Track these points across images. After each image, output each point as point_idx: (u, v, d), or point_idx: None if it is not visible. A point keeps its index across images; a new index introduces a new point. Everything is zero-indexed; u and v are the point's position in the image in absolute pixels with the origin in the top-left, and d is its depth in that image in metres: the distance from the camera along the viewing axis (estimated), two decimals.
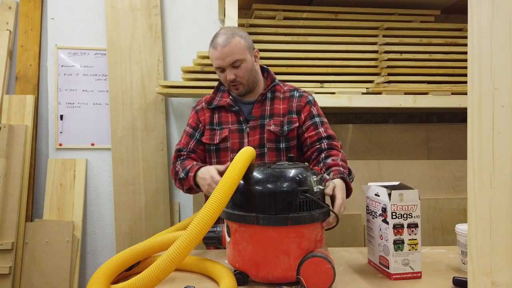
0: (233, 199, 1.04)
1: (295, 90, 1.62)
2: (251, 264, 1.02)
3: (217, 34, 1.52)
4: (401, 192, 1.08)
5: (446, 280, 1.07)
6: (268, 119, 1.54)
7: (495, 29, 0.74)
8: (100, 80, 2.66)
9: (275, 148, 1.52)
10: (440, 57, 2.40)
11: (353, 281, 1.08)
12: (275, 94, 1.59)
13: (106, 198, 2.66)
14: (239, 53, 1.48)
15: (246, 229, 1.02)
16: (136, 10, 2.63)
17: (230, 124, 1.55)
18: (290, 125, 1.53)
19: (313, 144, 1.52)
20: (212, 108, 1.60)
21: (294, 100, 1.58)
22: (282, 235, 1.00)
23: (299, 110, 1.56)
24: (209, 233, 1.14)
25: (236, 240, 1.05)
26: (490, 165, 0.74)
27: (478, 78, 0.76)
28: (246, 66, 1.50)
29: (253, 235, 1.01)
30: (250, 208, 1.02)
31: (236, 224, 1.04)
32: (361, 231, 2.23)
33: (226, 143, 1.53)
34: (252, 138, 1.52)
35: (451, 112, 2.76)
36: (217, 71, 1.54)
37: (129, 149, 2.57)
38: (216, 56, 1.49)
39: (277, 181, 1.01)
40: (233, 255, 1.06)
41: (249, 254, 1.02)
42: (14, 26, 2.65)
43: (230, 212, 1.05)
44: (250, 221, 1.00)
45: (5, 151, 2.41)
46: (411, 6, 2.47)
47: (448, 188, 2.42)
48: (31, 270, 2.41)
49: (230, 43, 1.47)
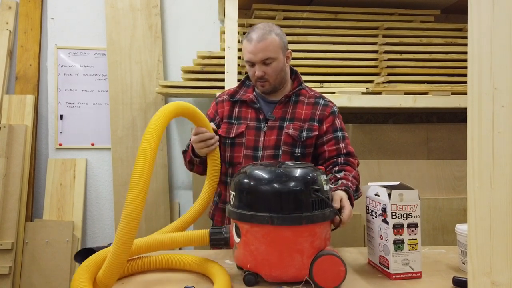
0: (244, 199, 1.04)
1: (320, 98, 1.58)
2: (264, 264, 1.02)
3: (255, 28, 1.49)
4: (401, 192, 1.08)
5: (446, 280, 1.07)
6: (288, 122, 1.51)
7: (495, 29, 0.74)
8: (100, 80, 2.66)
9: (290, 152, 1.50)
10: (440, 57, 2.40)
11: (353, 281, 1.08)
12: (299, 98, 1.56)
13: (106, 198, 2.66)
14: (272, 51, 1.45)
15: (259, 229, 1.01)
16: (136, 10, 2.63)
17: (248, 120, 1.54)
18: (310, 133, 1.50)
19: (331, 158, 1.50)
20: (233, 101, 1.58)
21: (319, 108, 1.54)
22: (296, 234, 1.00)
23: (321, 119, 1.53)
24: (216, 235, 1.11)
25: (247, 241, 1.03)
26: (490, 165, 0.74)
27: (478, 78, 0.76)
28: (276, 65, 1.48)
29: (266, 235, 1.01)
30: (263, 208, 1.01)
31: (248, 224, 1.03)
32: (361, 231, 2.23)
33: (241, 139, 1.52)
34: (268, 138, 1.50)
35: (451, 112, 2.76)
36: (247, 64, 1.51)
37: (129, 149, 2.57)
38: (250, 49, 1.46)
39: (290, 181, 1.02)
40: (244, 256, 1.05)
41: (262, 254, 1.02)
42: (14, 26, 2.65)
43: (241, 212, 1.04)
44: (263, 221, 1.00)
45: (5, 151, 2.41)
46: (411, 6, 2.47)
47: (448, 188, 2.42)
48: (31, 270, 2.41)
49: (266, 39, 1.44)
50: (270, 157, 1.49)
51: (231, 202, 1.09)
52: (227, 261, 1.22)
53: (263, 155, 1.50)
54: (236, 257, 1.09)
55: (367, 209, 1.21)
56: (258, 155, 1.50)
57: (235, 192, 1.07)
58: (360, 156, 2.55)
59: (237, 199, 1.06)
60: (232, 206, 1.08)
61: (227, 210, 1.10)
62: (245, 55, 1.50)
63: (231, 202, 1.09)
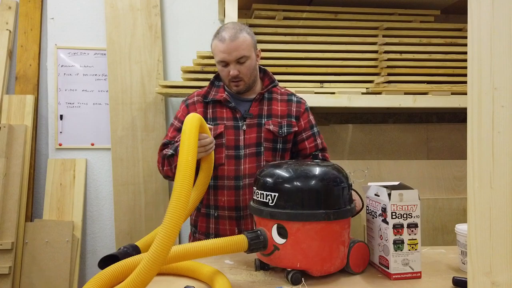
0: (294, 199, 1.05)
1: (292, 95, 1.64)
2: (316, 260, 1.06)
3: (224, 28, 1.49)
4: (401, 192, 1.08)
5: (446, 280, 1.07)
6: (265, 119, 1.54)
7: (495, 29, 0.74)
8: (100, 80, 2.66)
9: (272, 148, 1.53)
10: (440, 57, 2.40)
11: (353, 281, 1.08)
12: (272, 95, 1.60)
13: (106, 198, 2.66)
14: (246, 49, 1.47)
15: (312, 227, 1.05)
16: (136, 10, 2.63)
17: (225, 120, 1.53)
18: (290, 128, 1.55)
19: (311, 154, 1.60)
20: (206, 102, 1.56)
21: (293, 104, 1.60)
22: (343, 227, 1.09)
23: (298, 116, 1.59)
24: (256, 239, 1.07)
25: (297, 240, 1.05)
26: (490, 165, 0.74)
27: (478, 78, 0.76)
28: (250, 64, 1.49)
29: (319, 231, 1.06)
30: (318, 205, 1.06)
31: (299, 223, 1.05)
32: (361, 231, 2.23)
33: (221, 139, 1.51)
34: (249, 136, 1.52)
35: (451, 112, 2.76)
36: (220, 65, 1.50)
37: (129, 149, 2.57)
38: (223, 49, 1.45)
39: (337, 178, 1.10)
40: (293, 256, 1.06)
41: (314, 250, 1.05)
42: (14, 26, 2.65)
43: (291, 212, 1.05)
44: (319, 218, 1.05)
45: (5, 151, 2.41)
46: (411, 6, 2.47)
47: (448, 188, 2.42)
48: (31, 270, 2.41)
49: (238, 38, 1.45)
50: (252, 155, 1.50)
51: (270, 203, 1.07)
52: (226, 261, 1.22)
53: (245, 153, 1.50)
54: (277, 259, 1.08)
55: (367, 209, 1.21)
56: (240, 154, 1.50)
57: (277, 192, 1.06)
58: (360, 156, 2.56)
59: (283, 199, 1.06)
60: (273, 207, 1.06)
61: (260, 213, 1.08)
62: (217, 56, 1.48)
63: (269, 203, 1.07)
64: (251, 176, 1.49)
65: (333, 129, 2.56)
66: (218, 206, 1.50)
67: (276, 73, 2.27)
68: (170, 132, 1.58)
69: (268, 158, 1.52)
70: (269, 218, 1.07)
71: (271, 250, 1.08)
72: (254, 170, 1.50)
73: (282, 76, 2.26)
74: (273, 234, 1.07)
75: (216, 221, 1.51)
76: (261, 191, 1.10)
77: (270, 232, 1.07)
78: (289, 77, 2.28)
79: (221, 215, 1.51)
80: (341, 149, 2.55)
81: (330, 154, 1.71)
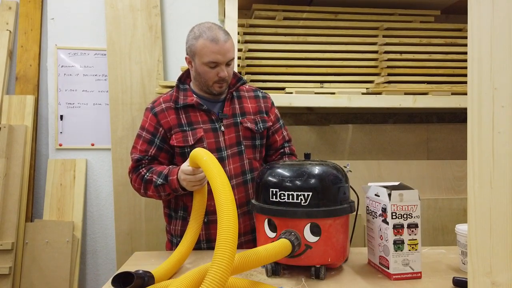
0: (327, 196, 1.11)
1: (257, 91, 1.67)
2: (341, 252, 1.14)
3: (211, 28, 1.44)
4: (401, 192, 1.08)
5: (446, 280, 1.07)
6: (240, 117, 1.54)
7: (495, 29, 0.74)
8: (100, 80, 2.66)
9: (251, 145, 1.55)
10: (440, 57, 2.40)
11: (353, 281, 1.08)
12: (240, 93, 1.61)
13: (106, 198, 2.66)
14: (233, 51, 1.49)
15: (340, 221, 1.13)
16: (136, 10, 2.63)
17: (202, 124, 1.49)
18: (265, 124, 1.58)
19: (281, 147, 1.65)
20: (177, 108, 1.50)
21: (261, 100, 1.63)
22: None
23: (267, 110, 1.63)
24: (296, 241, 1.05)
25: (329, 236, 1.10)
26: (490, 165, 0.74)
27: (478, 78, 0.76)
28: (233, 66, 1.52)
29: (344, 224, 1.15)
30: (344, 200, 1.15)
31: (331, 219, 1.10)
32: (361, 231, 2.23)
33: (202, 144, 1.47)
34: (228, 137, 1.50)
35: (451, 112, 2.76)
36: (207, 66, 1.44)
37: (129, 149, 2.55)
38: (216, 50, 1.41)
39: (345, 174, 1.21)
40: (324, 252, 1.10)
41: (340, 243, 1.13)
42: (14, 26, 2.65)
43: (325, 209, 1.09)
44: (346, 212, 1.14)
45: (5, 152, 2.41)
46: (411, 6, 2.47)
47: (448, 188, 2.42)
48: (31, 270, 2.41)
49: (230, 40, 1.46)
50: (235, 155, 1.50)
51: (303, 203, 1.08)
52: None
53: (228, 154, 1.49)
54: (308, 258, 1.09)
55: (367, 209, 1.21)
56: (223, 155, 1.48)
57: (311, 192, 1.09)
58: (360, 156, 2.56)
59: (316, 198, 1.09)
60: (307, 206, 1.08)
61: (293, 214, 1.08)
62: (207, 56, 1.42)
63: (302, 203, 1.08)
64: (238, 176, 1.49)
65: (333, 129, 2.56)
66: (208, 211, 1.40)
67: (276, 73, 2.28)
68: (140, 145, 1.50)
69: (249, 155, 1.53)
70: (305, 217, 1.08)
71: (302, 250, 1.08)
72: (239, 170, 1.50)
73: (282, 76, 2.26)
74: (305, 233, 1.08)
75: (206, 227, 1.46)
76: (290, 192, 1.09)
77: (302, 232, 1.08)
78: (289, 77, 2.27)
79: (211, 220, 1.45)
80: (341, 149, 2.54)
81: (330, 154, 1.72)
